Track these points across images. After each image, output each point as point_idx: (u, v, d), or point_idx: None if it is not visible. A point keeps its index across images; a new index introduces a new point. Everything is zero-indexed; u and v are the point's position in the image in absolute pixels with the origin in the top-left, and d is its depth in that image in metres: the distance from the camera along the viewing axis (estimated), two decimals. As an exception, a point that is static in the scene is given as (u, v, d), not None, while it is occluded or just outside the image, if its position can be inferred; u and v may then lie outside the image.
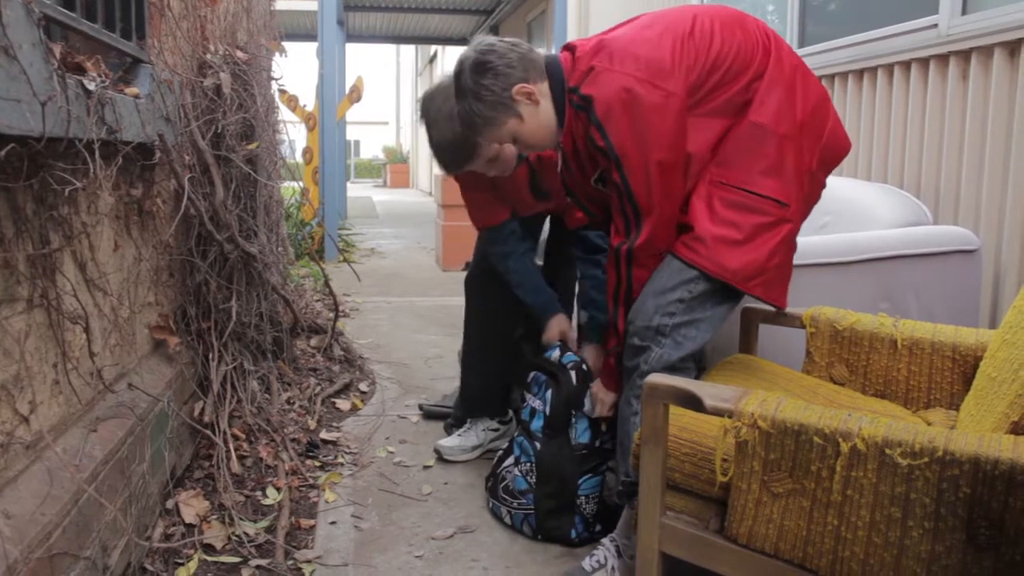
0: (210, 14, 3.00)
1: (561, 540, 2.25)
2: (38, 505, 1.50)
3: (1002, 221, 2.76)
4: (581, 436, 2.27)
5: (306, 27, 12.35)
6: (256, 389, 2.86)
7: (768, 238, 1.86)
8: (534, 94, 1.94)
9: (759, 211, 1.85)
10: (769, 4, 4.60)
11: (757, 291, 1.89)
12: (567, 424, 2.28)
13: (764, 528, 1.43)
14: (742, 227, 1.85)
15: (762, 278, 1.87)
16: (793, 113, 1.88)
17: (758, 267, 1.86)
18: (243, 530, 2.21)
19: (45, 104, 1.43)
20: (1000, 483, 1.18)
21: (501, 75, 1.92)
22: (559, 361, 2.36)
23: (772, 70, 1.89)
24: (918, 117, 3.14)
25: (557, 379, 2.32)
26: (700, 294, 1.87)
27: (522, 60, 1.94)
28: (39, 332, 1.62)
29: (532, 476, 2.29)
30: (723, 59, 1.87)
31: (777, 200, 1.86)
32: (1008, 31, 2.67)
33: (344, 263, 6.02)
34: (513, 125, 1.98)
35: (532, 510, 2.27)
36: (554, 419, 2.29)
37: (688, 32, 1.87)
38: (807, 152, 1.90)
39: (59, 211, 1.71)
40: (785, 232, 1.88)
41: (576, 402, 2.28)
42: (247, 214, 2.98)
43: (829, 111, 1.97)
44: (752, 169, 1.86)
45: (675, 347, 1.88)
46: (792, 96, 1.88)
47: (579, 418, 2.28)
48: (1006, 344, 1.58)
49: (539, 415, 2.33)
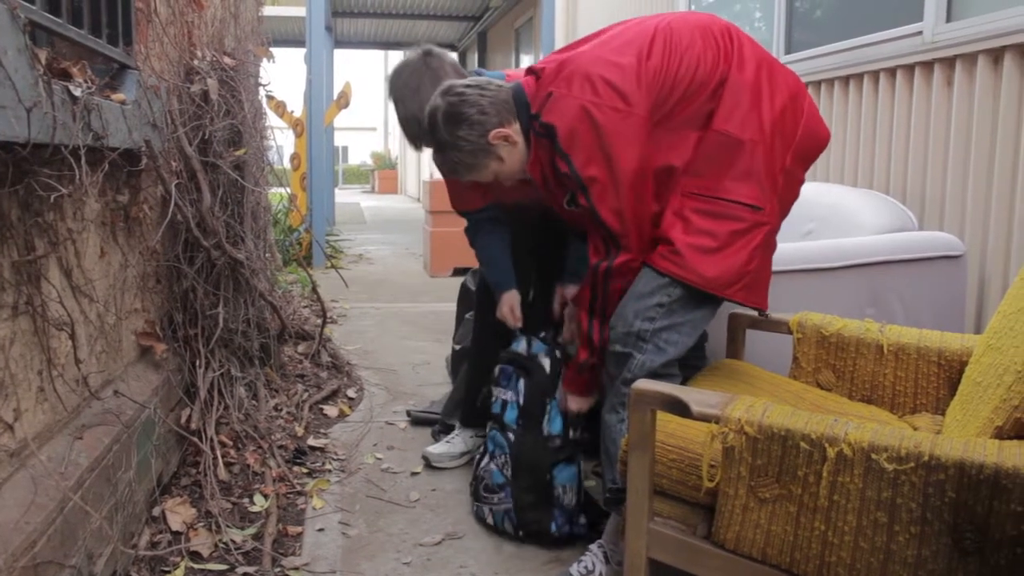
0: (197, 20, 2.99)
1: (542, 534, 2.25)
2: (23, 513, 1.49)
3: (987, 227, 2.78)
4: (554, 426, 2.27)
5: (294, 33, 12.34)
6: (243, 396, 2.84)
7: (744, 243, 1.86)
8: (511, 136, 1.97)
9: (733, 217, 1.85)
10: (756, 12, 4.63)
11: (738, 296, 1.89)
12: (542, 413, 2.28)
13: (751, 533, 1.44)
14: (717, 235, 1.85)
15: (741, 283, 1.88)
16: (759, 117, 1.87)
17: (736, 273, 1.86)
18: (230, 537, 2.20)
19: (31, 110, 1.42)
20: (985, 487, 1.19)
21: (476, 124, 1.95)
22: (529, 352, 2.36)
23: (735, 75, 1.88)
24: (903, 123, 3.16)
25: (528, 369, 2.32)
26: (679, 298, 1.88)
27: (494, 104, 1.96)
28: (24, 339, 1.61)
29: (508, 469, 2.30)
30: (683, 76, 1.86)
31: (750, 205, 1.86)
32: (992, 38, 2.70)
33: (332, 269, 6.01)
34: (495, 166, 2.02)
35: (511, 505, 2.27)
36: (530, 408, 2.29)
37: (648, 51, 1.87)
38: (779, 151, 1.89)
39: (45, 217, 1.70)
40: (761, 236, 1.88)
41: (550, 389, 2.29)
42: (234, 220, 2.97)
43: (802, 106, 1.95)
44: (722, 176, 1.86)
45: (657, 352, 1.89)
46: (758, 99, 1.88)
47: (553, 407, 2.28)
48: (991, 349, 1.59)
49: (511, 406, 2.33)
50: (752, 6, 4.69)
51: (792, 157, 1.92)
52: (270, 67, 3.78)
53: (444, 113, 1.97)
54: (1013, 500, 1.17)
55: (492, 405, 2.41)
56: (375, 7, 11.46)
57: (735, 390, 1.85)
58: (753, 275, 1.89)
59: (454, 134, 1.96)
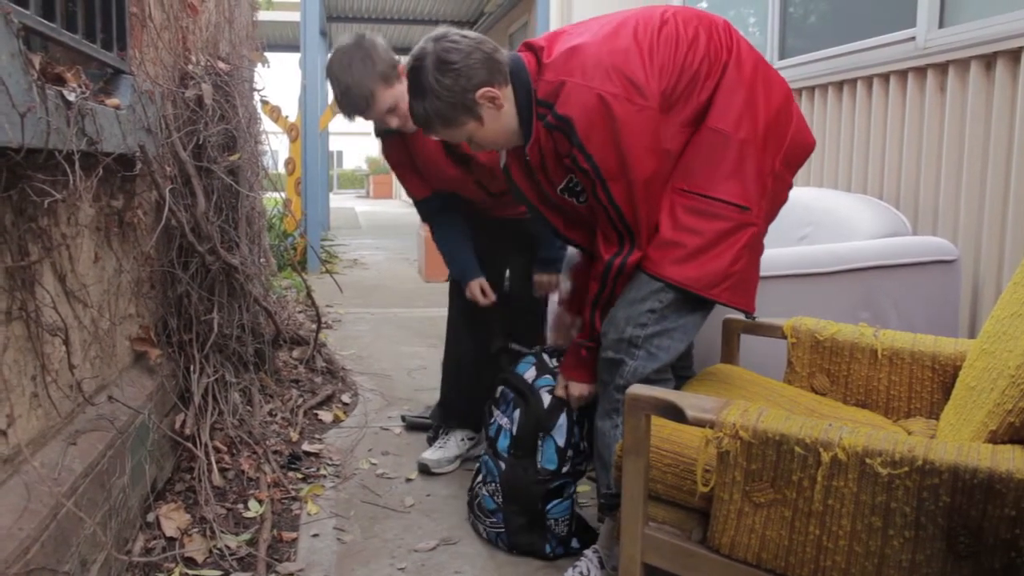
0: (192, 25, 2.99)
1: (536, 555, 2.23)
2: (15, 519, 1.49)
3: (980, 231, 2.79)
4: (548, 462, 2.20)
5: (289, 38, 12.35)
6: (238, 401, 2.84)
7: (731, 243, 1.84)
8: (498, 99, 1.86)
9: (720, 217, 1.83)
10: (750, 17, 4.65)
11: (723, 297, 1.87)
12: (534, 447, 2.21)
13: (746, 538, 1.44)
14: (704, 233, 1.83)
15: (726, 284, 1.86)
16: (755, 118, 1.85)
17: (721, 273, 1.84)
18: (224, 543, 2.19)
19: (24, 115, 1.42)
20: (979, 492, 1.19)
21: (463, 76, 1.82)
22: (532, 383, 2.27)
23: (732, 73, 1.86)
24: (897, 129, 3.17)
25: (527, 399, 2.24)
26: (671, 303, 1.86)
27: (487, 62, 1.84)
28: (18, 344, 1.61)
29: (498, 496, 2.26)
30: (688, 67, 1.83)
31: (738, 205, 1.84)
32: (984, 44, 2.71)
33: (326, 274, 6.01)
34: (472, 127, 1.90)
35: (503, 528, 2.25)
36: (521, 440, 2.22)
37: (656, 39, 1.83)
38: (770, 154, 1.88)
39: (38, 223, 1.70)
40: (748, 236, 1.86)
41: (546, 425, 2.20)
42: (229, 225, 2.96)
43: (792, 110, 1.95)
44: (713, 175, 1.84)
45: (649, 359, 1.87)
46: (754, 100, 1.86)
47: (546, 442, 2.20)
48: (985, 354, 1.59)
49: (505, 433, 2.26)
50: (746, 12, 4.70)
51: (782, 161, 1.91)
52: (265, 72, 3.79)
53: (433, 58, 1.83)
54: (1007, 504, 1.17)
55: (489, 427, 2.34)
56: (369, 12, 11.47)
57: (730, 395, 1.86)
58: (739, 276, 1.87)
59: (439, 81, 1.83)
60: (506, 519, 2.24)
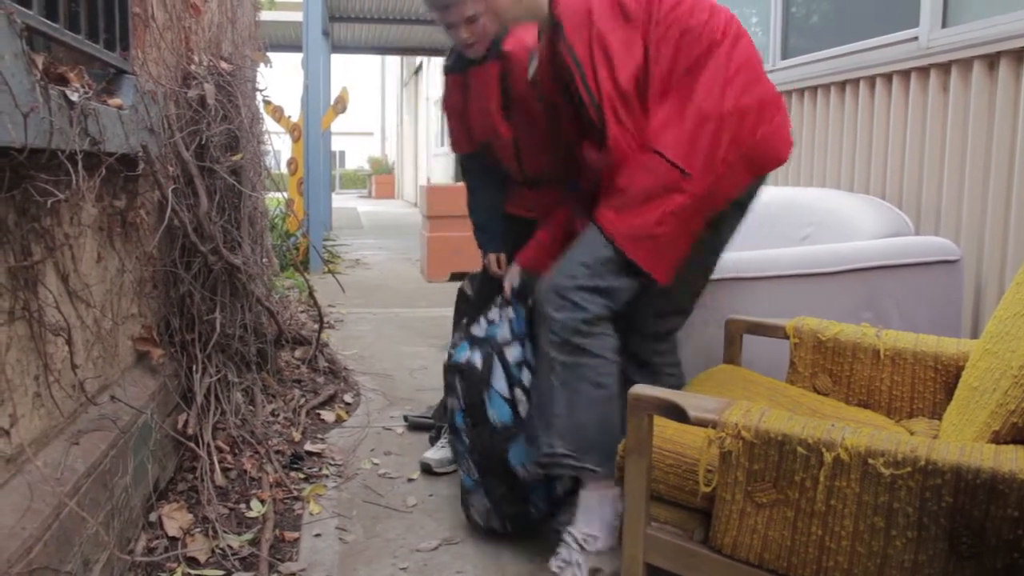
0: (194, 25, 2.99)
1: (526, 520, 2.25)
2: (18, 519, 1.49)
3: (983, 232, 2.79)
4: (501, 415, 2.23)
5: (291, 38, 12.33)
6: (240, 401, 2.84)
7: (658, 204, 1.86)
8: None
9: (656, 173, 1.86)
10: (752, 17, 4.64)
11: (639, 256, 1.88)
12: (484, 409, 2.24)
13: (748, 538, 1.44)
14: (639, 186, 1.87)
15: (647, 244, 1.88)
16: (722, 99, 1.88)
17: (644, 231, 1.87)
18: (227, 543, 2.19)
19: (27, 115, 1.42)
20: (981, 492, 1.19)
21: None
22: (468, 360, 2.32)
23: (723, 50, 1.90)
24: (899, 129, 3.17)
25: (462, 372, 2.29)
26: (607, 261, 1.89)
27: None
28: (20, 344, 1.61)
29: (474, 473, 2.28)
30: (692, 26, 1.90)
31: (677, 166, 1.85)
32: (987, 44, 2.71)
33: (329, 274, 6.01)
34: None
35: (491, 505, 2.27)
36: (471, 407, 2.27)
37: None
38: (725, 142, 1.89)
39: (41, 223, 1.70)
40: (678, 203, 1.87)
41: (485, 378, 2.25)
42: (231, 225, 2.97)
43: (771, 117, 1.95)
44: (665, 131, 1.88)
45: (575, 309, 1.89)
46: (728, 85, 1.89)
47: (491, 396, 2.24)
48: (987, 354, 1.59)
49: (458, 412, 2.32)
50: (748, 11, 4.70)
51: (739, 155, 1.91)
52: (267, 72, 3.79)
53: None
54: (1010, 505, 1.17)
55: (453, 419, 2.39)
56: (372, 12, 11.46)
57: (732, 395, 1.85)
58: (660, 241, 1.89)
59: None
60: (488, 492, 2.26)
